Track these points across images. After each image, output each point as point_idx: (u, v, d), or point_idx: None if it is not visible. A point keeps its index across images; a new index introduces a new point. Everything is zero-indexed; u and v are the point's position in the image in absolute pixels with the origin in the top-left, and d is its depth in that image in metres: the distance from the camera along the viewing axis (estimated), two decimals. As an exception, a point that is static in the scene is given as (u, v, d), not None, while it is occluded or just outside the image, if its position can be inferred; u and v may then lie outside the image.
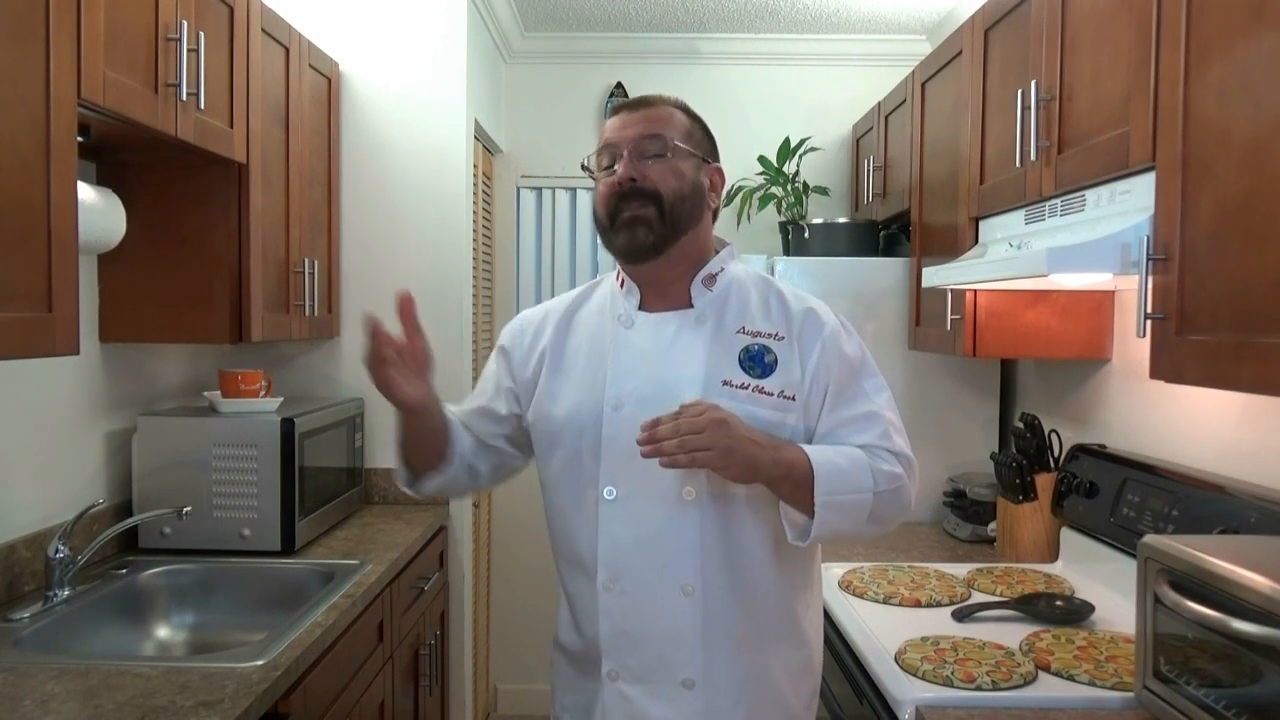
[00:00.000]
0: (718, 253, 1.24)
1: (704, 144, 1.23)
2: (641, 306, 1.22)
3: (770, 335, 1.19)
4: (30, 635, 1.40)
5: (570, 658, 1.26)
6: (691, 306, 1.21)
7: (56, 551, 1.53)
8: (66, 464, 1.73)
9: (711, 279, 1.22)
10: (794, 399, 1.16)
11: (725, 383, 1.15)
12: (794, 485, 1.11)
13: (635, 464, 1.13)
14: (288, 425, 1.88)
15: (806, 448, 1.13)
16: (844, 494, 1.11)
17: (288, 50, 2.04)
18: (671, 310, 1.21)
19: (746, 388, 1.15)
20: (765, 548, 1.17)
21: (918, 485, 1.20)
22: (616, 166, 1.17)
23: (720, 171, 1.25)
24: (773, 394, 1.15)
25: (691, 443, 1.04)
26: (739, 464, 1.07)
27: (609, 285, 1.28)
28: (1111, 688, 1.25)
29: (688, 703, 1.15)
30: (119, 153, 1.76)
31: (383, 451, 2.42)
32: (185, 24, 1.51)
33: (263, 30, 1.89)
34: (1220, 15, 1.08)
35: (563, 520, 1.23)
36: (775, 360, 1.17)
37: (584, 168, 1.24)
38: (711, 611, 1.15)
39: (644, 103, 1.22)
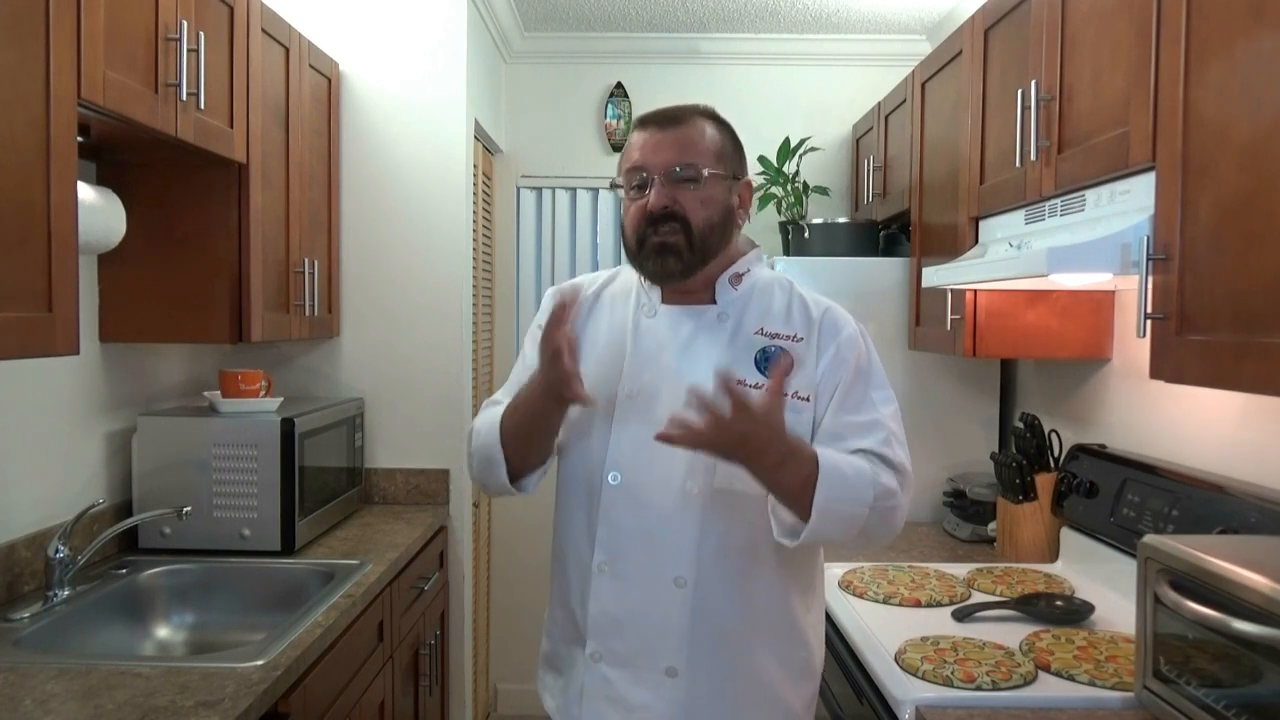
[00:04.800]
0: (745, 254, 1.25)
1: (734, 160, 1.22)
2: (664, 299, 1.23)
3: (788, 337, 1.19)
4: (30, 635, 1.40)
5: (554, 642, 1.27)
6: (714, 302, 1.22)
7: (56, 551, 1.53)
8: (66, 464, 1.73)
9: (738, 278, 1.23)
10: (808, 400, 1.17)
11: (740, 382, 1.13)
12: (793, 482, 1.08)
13: (642, 452, 1.14)
14: (288, 425, 1.88)
15: (818, 452, 1.10)
16: (843, 501, 1.09)
17: (288, 50, 2.04)
18: (694, 305, 1.22)
19: (760, 388, 1.14)
20: (766, 546, 1.17)
21: (909, 502, 1.18)
22: (648, 191, 1.16)
23: (749, 185, 1.25)
24: (787, 394, 1.15)
25: (705, 438, 1.00)
26: (737, 459, 1.04)
27: (633, 272, 1.28)
28: (1111, 688, 1.25)
29: (669, 690, 1.15)
30: (119, 153, 1.76)
31: (383, 451, 2.42)
32: (185, 24, 1.51)
33: (263, 30, 1.89)
34: (1220, 15, 1.08)
35: (567, 499, 1.24)
36: (792, 362, 1.17)
37: (613, 185, 1.24)
38: (702, 605, 1.15)
39: (674, 120, 1.19)
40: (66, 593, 1.54)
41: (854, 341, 1.20)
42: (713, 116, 1.22)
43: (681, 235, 1.15)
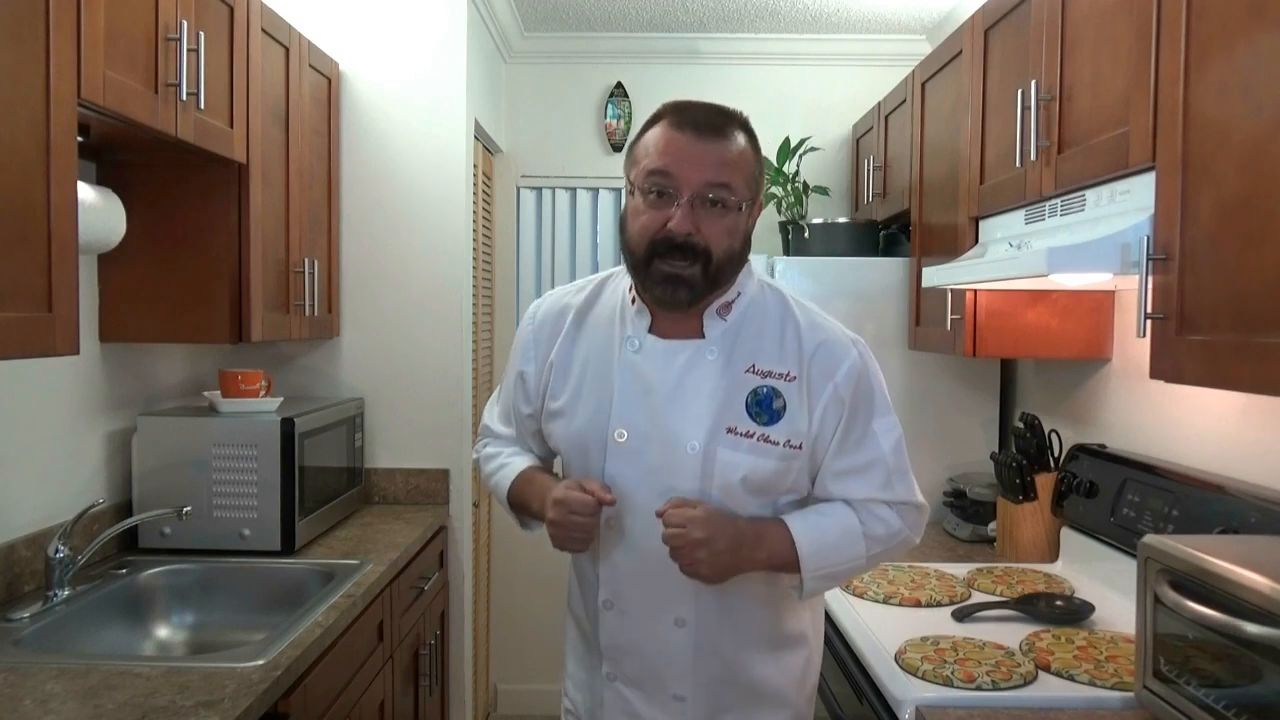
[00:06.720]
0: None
1: (760, 182, 1.14)
2: (652, 328, 1.16)
3: (781, 375, 1.12)
4: (30, 635, 1.40)
5: (579, 628, 1.27)
6: (702, 335, 1.15)
7: (56, 551, 1.53)
8: (66, 464, 1.73)
9: (727, 307, 1.15)
10: (800, 448, 1.12)
11: (730, 430, 1.11)
12: (779, 568, 1.13)
13: (636, 497, 1.13)
14: (288, 425, 1.88)
15: (794, 527, 1.11)
16: (833, 566, 1.13)
17: (288, 50, 2.04)
18: (681, 339, 1.14)
19: (751, 436, 1.11)
20: (760, 581, 1.16)
21: (926, 520, 1.21)
22: (674, 209, 1.06)
23: (761, 204, 1.17)
24: (778, 443, 1.11)
25: (677, 557, 1.07)
26: (715, 575, 1.09)
27: (621, 288, 1.21)
28: (1111, 687, 1.25)
29: (680, 711, 1.17)
30: (119, 153, 1.76)
31: (383, 451, 2.42)
32: (185, 24, 1.51)
33: (263, 30, 1.89)
34: (1220, 15, 1.08)
35: None
36: (784, 406, 1.12)
37: (630, 183, 1.12)
38: (704, 640, 1.16)
39: (714, 131, 1.07)
40: (66, 593, 1.54)
41: (852, 374, 1.13)
42: (747, 129, 1.12)
43: (698, 267, 1.07)
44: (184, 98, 1.52)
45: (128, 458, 1.88)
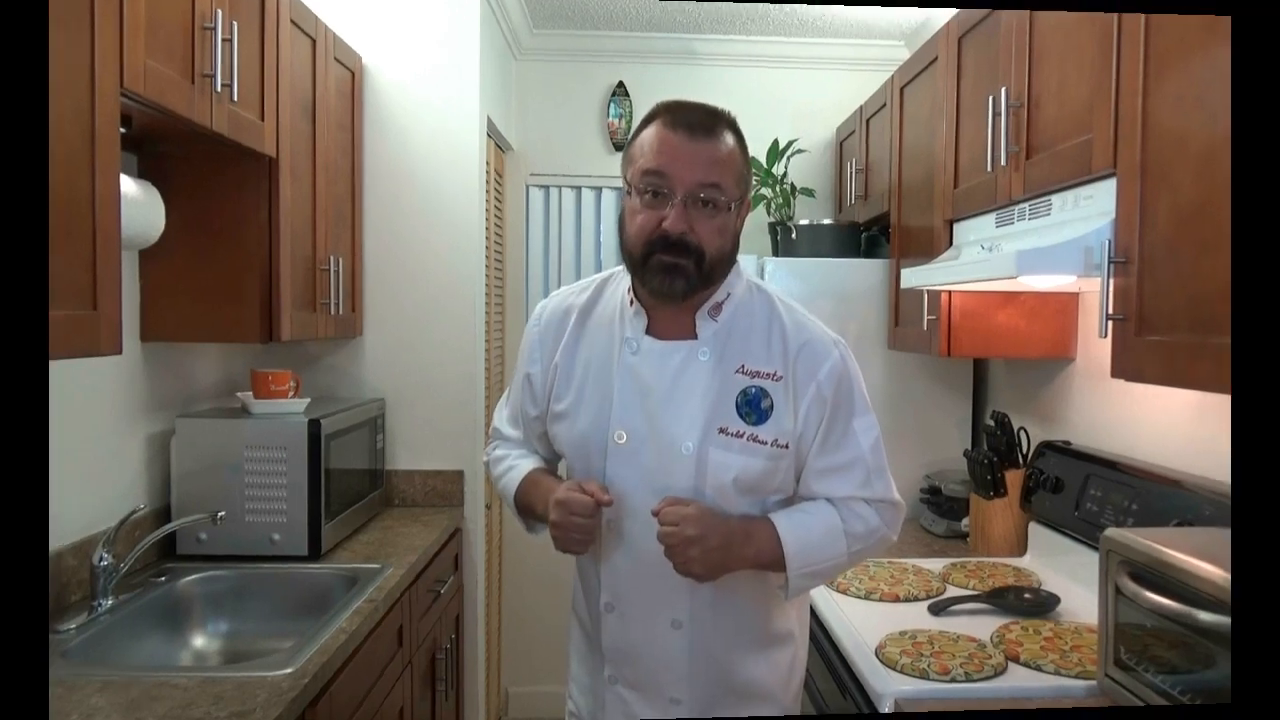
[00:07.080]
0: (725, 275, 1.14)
1: (748, 180, 1.13)
2: (648, 330, 1.15)
3: (769, 375, 1.12)
4: (77, 647, 1.35)
5: (583, 630, 1.26)
6: (695, 336, 1.14)
7: (101, 559, 1.46)
8: (109, 468, 1.63)
9: (718, 308, 1.14)
10: (787, 447, 1.12)
11: (722, 430, 1.10)
12: (766, 566, 1.12)
13: (634, 498, 1.12)
14: (314, 426, 1.78)
15: (780, 525, 1.11)
16: (817, 564, 1.12)
17: (314, 42, 1.89)
18: (676, 339, 1.14)
19: (741, 436, 1.10)
20: (755, 582, 1.16)
21: (903, 518, 1.19)
22: (668, 209, 1.05)
23: (749, 204, 1.16)
24: (767, 443, 1.11)
25: (671, 555, 1.06)
26: (707, 573, 1.08)
27: (621, 289, 1.19)
28: (1076, 676, 1.24)
29: (677, 714, 1.17)
30: (157, 145, 1.63)
31: (403, 452, 2.31)
32: (220, 13, 1.41)
33: (291, 21, 1.76)
34: (1177, 29, 1.06)
35: None
36: (771, 406, 1.11)
37: (627, 183, 1.10)
38: (699, 643, 1.15)
39: (706, 130, 1.07)
40: (110, 602, 1.48)
41: (834, 374, 1.12)
42: (735, 129, 1.11)
43: (692, 259, 1.06)
44: (218, 89, 1.42)
45: (166, 461, 1.77)
